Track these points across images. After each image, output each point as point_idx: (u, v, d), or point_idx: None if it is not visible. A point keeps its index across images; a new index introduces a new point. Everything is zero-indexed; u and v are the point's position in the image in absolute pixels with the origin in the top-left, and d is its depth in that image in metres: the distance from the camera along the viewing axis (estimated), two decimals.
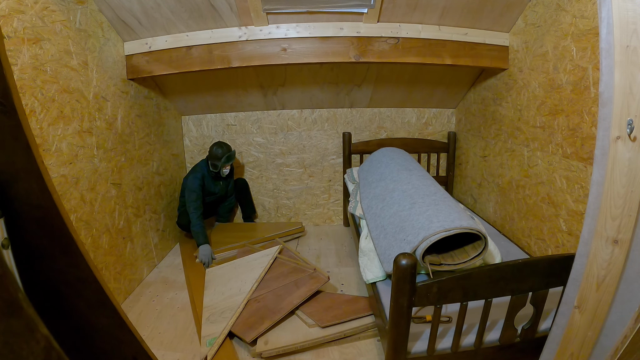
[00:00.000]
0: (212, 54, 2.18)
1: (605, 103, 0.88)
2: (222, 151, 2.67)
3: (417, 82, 2.75)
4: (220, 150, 2.67)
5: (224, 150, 2.68)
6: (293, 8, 2.00)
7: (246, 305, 1.87)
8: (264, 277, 2.09)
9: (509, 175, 2.29)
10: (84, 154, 1.82)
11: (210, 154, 2.70)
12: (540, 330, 1.32)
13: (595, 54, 1.53)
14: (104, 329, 0.89)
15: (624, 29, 0.82)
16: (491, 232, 2.22)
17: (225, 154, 2.67)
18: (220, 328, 1.72)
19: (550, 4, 1.80)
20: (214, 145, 2.70)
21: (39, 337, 0.45)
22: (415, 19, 2.11)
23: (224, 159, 2.65)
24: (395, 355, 1.23)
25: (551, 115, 1.85)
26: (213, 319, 1.81)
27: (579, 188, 1.66)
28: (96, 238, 1.88)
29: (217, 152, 2.66)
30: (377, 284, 1.68)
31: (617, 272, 0.94)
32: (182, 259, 2.64)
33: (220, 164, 2.66)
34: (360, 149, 3.00)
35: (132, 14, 1.99)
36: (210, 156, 2.69)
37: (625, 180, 0.88)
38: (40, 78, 1.53)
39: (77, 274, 0.80)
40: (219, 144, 2.71)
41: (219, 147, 2.68)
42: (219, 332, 1.69)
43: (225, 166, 2.71)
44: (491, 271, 1.16)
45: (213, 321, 1.79)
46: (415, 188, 1.88)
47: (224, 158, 2.65)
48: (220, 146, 2.69)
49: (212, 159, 2.67)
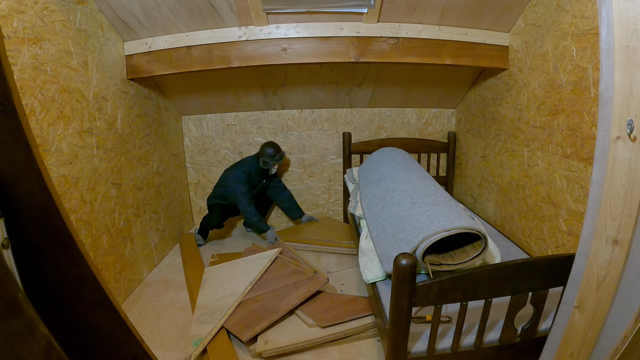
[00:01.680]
0: (212, 54, 2.18)
1: (605, 103, 0.88)
2: (273, 151, 2.79)
3: (417, 82, 2.76)
4: (272, 149, 2.78)
5: (276, 150, 2.80)
6: (293, 8, 2.00)
7: (245, 305, 1.87)
8: (264, 278, 2.09)
9: (509, 175, 2.29)
10: (84, 154, 1.82)
11: (261, 151, 2.80)
12: (540, 330, 1.32)
13: (595, 54, 1.53)
14: (104, 329, 0.89)
15: (624, 29, 0.82)
16: (491, 232, 2.22)
17: (278, 153, 2.81)
18: (208, 329, 1.71)
19: (550, 4, 1.80)
20: (266, 144, 2.81)
21: (39, 337, 0.45)
22: (415, 19, 2.11)
23: (277, 157, 2.79)
24: (395, 355, 1.23)
25: (551, 115, 1.85)
26: (203, 319, 1.81)
27: (579, 188, 1.66)
28: (96, 238, 1.88)
29: (269, 151, 2.77)
30: (377, 284, 1.68)
31: (617, 272, 0.94)
32: (182, 259, 2.64)
33: (272, 163, 2.78)
34: (360, 149, 3.00)
35: (132, 14, 1.99)
36: (262, 154, 2.79)
37: (625, 180, 0.88)
38: (40, 78, 1.53)
39: (77, 273, 0.80)
40: (271, 144, 2.82)
41: (271, 147, 2.79)
42: (206, 333, 1.69)
43: (275, 165, 2.84)
44: (491, 271, 1.16)
45: (202, 321, 1.79)
46: (415, 188, 1.88)
47: (276, 157, 2.79)
48: (272, 146, 2.81)
49: (264, 156, 2.78)
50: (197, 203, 3.28)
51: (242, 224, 3.26)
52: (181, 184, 3.08)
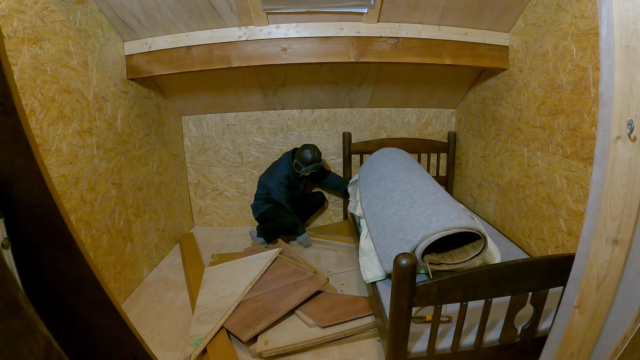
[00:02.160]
0: (212, 54, 2.18)
1: (605, 103, 0.88)
2: (311, 158, 2.59)
3: (417, 82, 2.75)
4: (310, 156, 2.59)
5: (315, 158, 2.60)
6: (293, 8, 2.00)
7: (245, 304, 1.87)
8: (264, 278, 2.09)
9: (509, 175, 2.29)
10: (84, 154, 1.82)
11: (299, 153, 2.63)
12: (540, 330, 1.32)
13: (595, 54, 1.53)
14: (104, 329, 0.89)
15: (624, 29, 0.82)
16: (491, 232, 2.22)
17: (315, 162, 2.60)
18: (208, 329, 1.71)
19: (550, 4, 1.80)
20: (306, 147, 2.62)
21: (39, 337, 0.45)
22: (415, 19, 2.11)
23: (310, 166, 2.60)
24: (395, 355, 1.23)
25: (551, 115, 1.85)
26: (203, 319, 1.81)
27: (579, 188, 1.66)
28: (96, 238, 1.88)
29: (307, 157, 2.58)
30: (377, 283, 1.68)
31: (617, 272, 0.94)
32: (182, 259, 2.64)
33: (305, 169, 2.61)
34: (360, 149, 3.00)
35: (132, 14, 1.99)
36: (298, 157, 2.63)
37: (625, 180, 0.88)
38: (40, 78, 1.53)
39: (77, 273, 0.80)
40: (312, 149, 2.61)
41: (311, 153, 2.59)
42: (206, 332, 1.69)
43: (308, 172, 2.67)
44: (491, 271, 1.16)
45: (202, 321, 1.79)
46: (415, 188, 1.88)
47: (311, 166, 2.60)
48: (312, 152, 2.60)
49: (300, 160, 2.62)
50: (197, 203, 3.28)
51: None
52: (181, 184, 3.08)
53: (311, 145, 2.65)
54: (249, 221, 3.29)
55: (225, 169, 3.17)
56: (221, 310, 1.83)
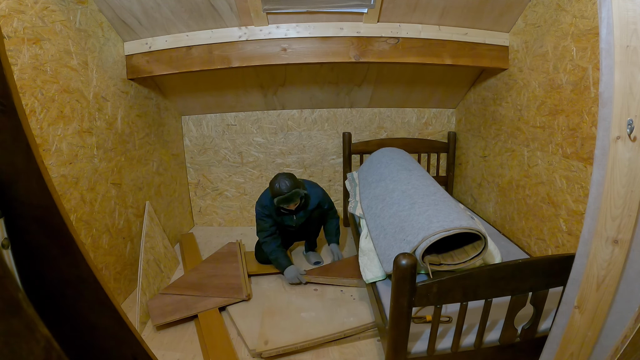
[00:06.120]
0: (212, 54, 2.18)
1: (605, 103, 0.88)
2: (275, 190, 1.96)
3: (417, 82, 2.75)
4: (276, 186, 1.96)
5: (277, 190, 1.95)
6: (293, 8, 2.00)
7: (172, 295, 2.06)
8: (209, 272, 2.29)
9: (509, 175, 2.29)
10: (84, 154, 1.82)
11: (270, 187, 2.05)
12: (540, 330, 1.32)
13: (595, 54, 1.53)
14: (104, 329, 0.89)
15: (624, 29, 0.82)
16: (491, 232, 2.22)
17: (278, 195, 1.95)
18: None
19: (550, 4, 1.80)
20: (275, 177, 2.02)
21: (39, 337, 0.45)
22: (415, 19, 2.11)
23: (277, 200, 1.97)
24: (395, 355, 1.23)
25: (551, 115, 1.85)
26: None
27: (579, 188, 1.66)
28: (96, 238, 1.88)
29: (274, 188, 1.98)
30: (377, 283, 1.68)
31: (617, 272, 0.94)
32: (182, 258, 2.64)
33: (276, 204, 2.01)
34: (360, 149, 3.00)
35: (132, 14, 1.99)
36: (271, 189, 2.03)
37: (625, 180, 0.88)
38: (40, 78, 1.53)
39: (77, 273, 0.80)
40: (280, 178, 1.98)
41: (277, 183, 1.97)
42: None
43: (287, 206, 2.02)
44: (491, 271, 1.16)
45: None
46: (415, 188, 1.88)
47: (277, 199, 1.97)
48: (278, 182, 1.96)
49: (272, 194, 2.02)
50: (197, 203, 3.28)
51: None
52: (181, 184, 3.08)
53: (281, 174, 2.02)
54: (249, 221, 3.29)
55: (225, 169, 3.17)
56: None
